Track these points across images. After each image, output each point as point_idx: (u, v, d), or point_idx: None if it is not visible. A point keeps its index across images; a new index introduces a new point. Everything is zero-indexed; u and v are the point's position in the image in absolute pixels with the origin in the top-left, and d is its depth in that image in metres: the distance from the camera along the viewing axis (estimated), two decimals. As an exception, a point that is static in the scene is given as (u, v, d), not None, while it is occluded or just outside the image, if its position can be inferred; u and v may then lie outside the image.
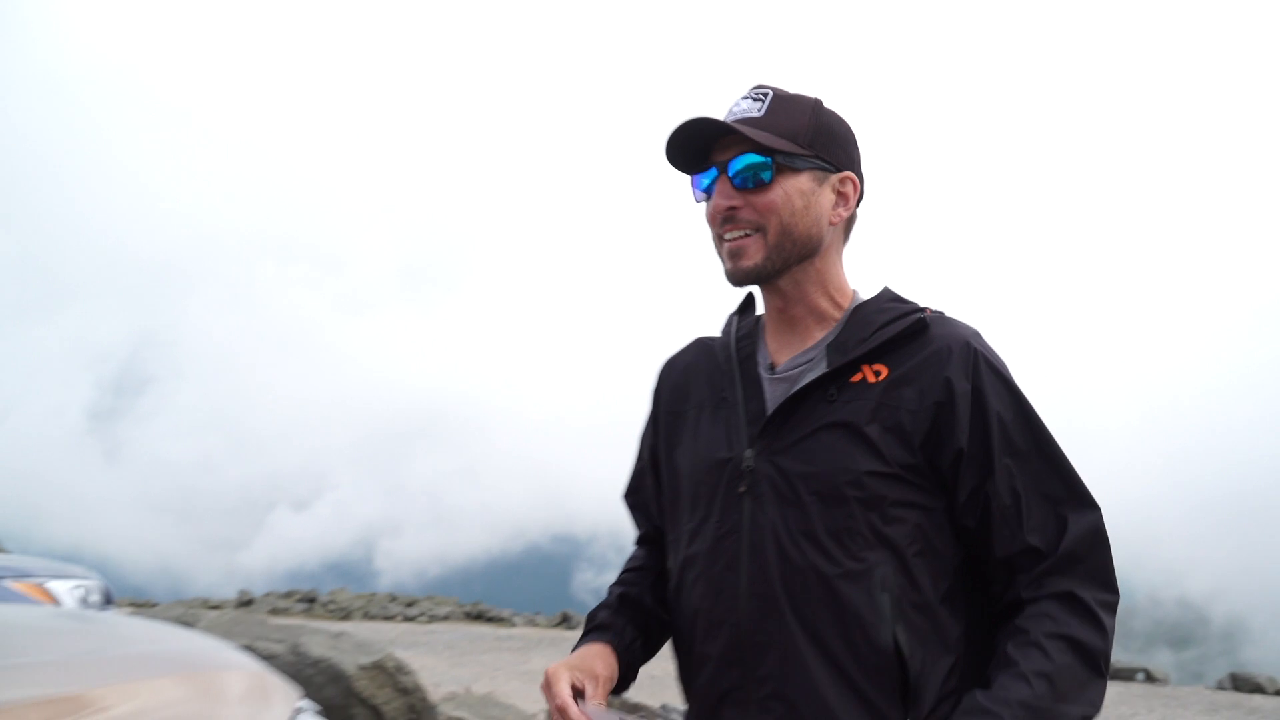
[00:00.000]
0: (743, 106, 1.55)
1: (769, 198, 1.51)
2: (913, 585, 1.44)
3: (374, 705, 5.92)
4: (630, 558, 1.80)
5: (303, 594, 20.38)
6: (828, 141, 1.55)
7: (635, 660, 1.62)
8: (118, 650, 2.29)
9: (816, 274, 1.58)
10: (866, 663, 1.42)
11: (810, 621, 1.43)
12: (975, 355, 1.49)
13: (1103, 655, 1.42)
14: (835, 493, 1.44)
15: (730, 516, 1.51)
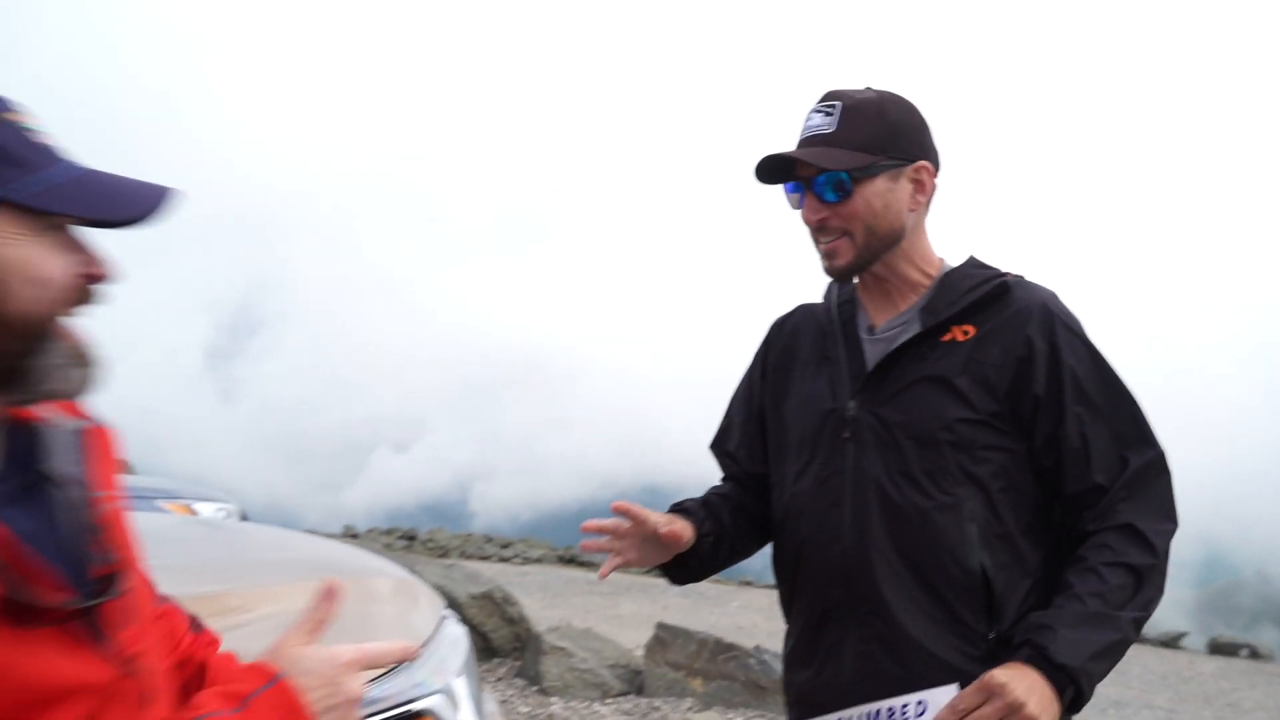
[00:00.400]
0: (815, 121, 1.70)
1: (851, 207, 1.66)
2: (996, 517, 1.63)
3: (483, 633, 6.25)
4: (713, 487, 1.99)
5: (403, 531, 21.16)
6: (898, 138, 1.69)
7: (700, 552, 1.79)
8: (262, 556, 2.51)
9: (904, 253, 1.74)
10: (956, 584, 1.62)
11: (906, 549, 1.64)
12: (1052, 315, 1.67)
13: (1152, 569, 1.59)
14: (929, 437, 1.64)
15: (835, 460, 1.72)
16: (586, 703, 5.66)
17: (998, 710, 1.45)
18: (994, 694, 1.46)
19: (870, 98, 1.71)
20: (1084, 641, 1.51)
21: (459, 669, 2.06)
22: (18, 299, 0.93)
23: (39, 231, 0.94)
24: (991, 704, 1.46)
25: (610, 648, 6.22)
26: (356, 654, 1.10)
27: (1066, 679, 1.49)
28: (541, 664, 5.82)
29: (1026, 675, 1.48)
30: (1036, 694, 1.46)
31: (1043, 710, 1.46)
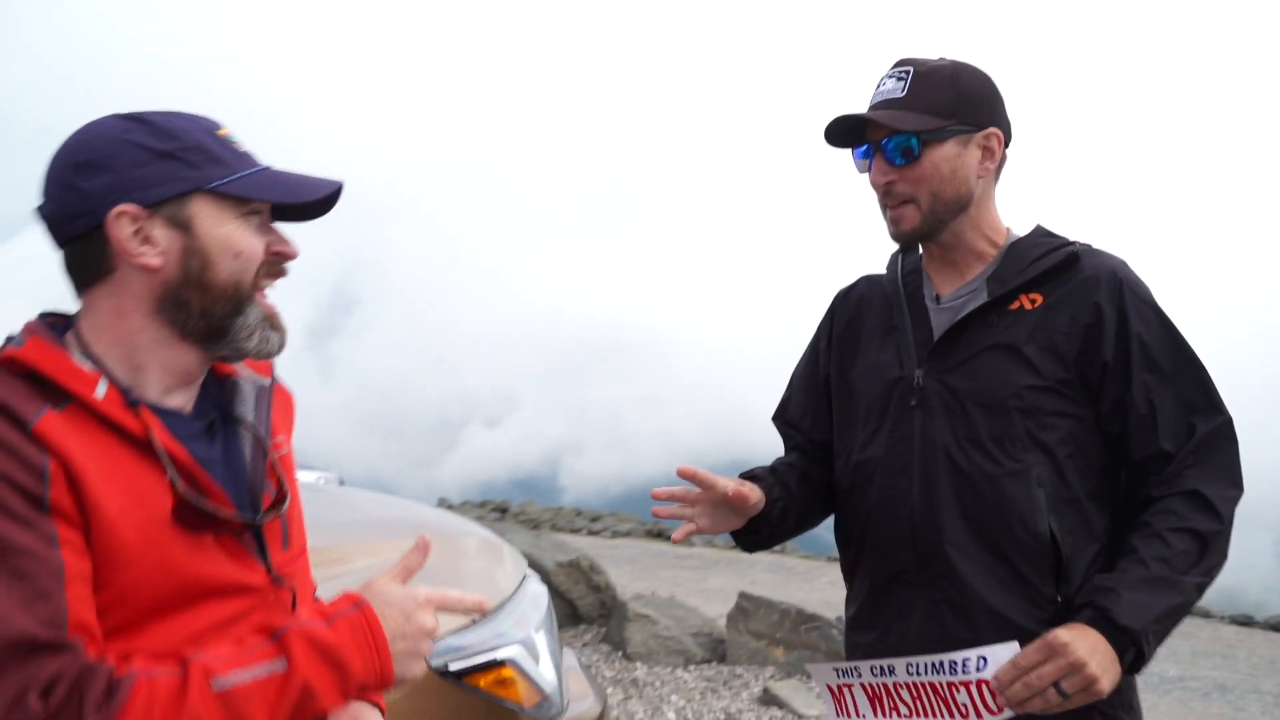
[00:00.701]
0: (887, 87, 1.71)
1: (919, 170, 1.67)
2: (1063, 482, 1.64)
3: (570, 599, 6.43)
4: (779, 458, 2.00)
5: (496, 504, 21.66)
6: (968, 105, 1.69)
7: (770, 518, 1.81)
8: (359, 513, 2.68)
9: (971, 221, 1.74)
10: (1025, 548, 1.63)
11: (974, 514, 1.65)
12: (1121, 283, 1.67)
13: (1216, 535, 1.58)
14: (998, 404, 1.65)
15: (903, 426, 1.73)
16: (669, 668, 5.79)
17: (1059, 669, 1.46)
18: (1055, 653, 1.47)
19: (943, 65, 1.71)
20: (1146, 604, 1.52)
21: (539, 624, 2.19)
22: (223, 269, 1.17)
23: (240, 216, 1.19)
24: (1053, 662, 1.47)
25: (694, 616, 6.33)
26: (434, 595, 1.21)
27: (1128, 641, 1.50)
28: (626, 630, 5.95)
29: (1089, 636, 1.49)
30: (1098, 654, 1.47)
31: (1104, 670, 1.47)
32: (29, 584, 1.00)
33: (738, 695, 5.37)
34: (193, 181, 1.16)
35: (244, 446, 1.27)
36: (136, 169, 1.14)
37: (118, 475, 1.09)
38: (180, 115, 1.20)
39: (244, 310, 1.20)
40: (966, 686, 1.56)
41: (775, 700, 5.18)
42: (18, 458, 1.02)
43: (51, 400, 1.09)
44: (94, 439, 1.09)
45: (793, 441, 2.00)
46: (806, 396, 1.98)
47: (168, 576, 1.10)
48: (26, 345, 1.12)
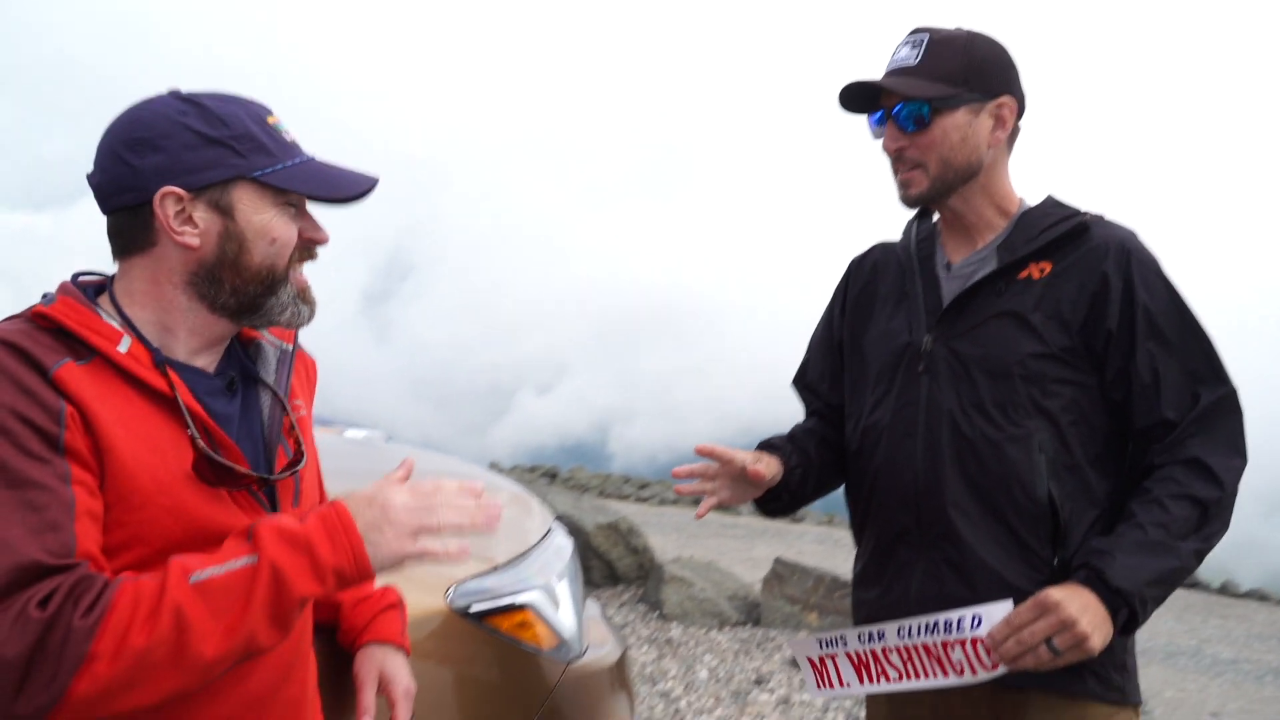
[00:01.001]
0: (901, 54, 1.73)
1: (929, 137, 1.70)
2: (1066, 449, 1.67)
3: (608, 560, 6.56)
4: (798, 424, 2.04)
5: (545, 469, 21.94)
6: (981, 73, 1.71)
7: (789, 485, 1.86)
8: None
9: (982, 189, 1.76)
10: (1024, 512, 1.66)
11: (975, 477, 1.69)
12: (1129, 253, 1.68)
13: (1217, 503, 1.60)
14: (1002, 371, 1.68)
15: (910, 391, 1.76)
16: (704, 629, 5.90)
17: (1050, 626, 1.50)
18: (1048, 610, 1.51)
19: (958, 34, 1.73)
20: (1141, 567, 1.55)
21: (561, 573, 2.28)
22: (258, 252, 1.25)
23: (278, 205, 1.26)
24: (1045, 620, 1.50)
25: (730, 580, 6.43)
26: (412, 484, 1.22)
27: (1121, 601, 1.53)
28: (662, 592, 6.07)
29: (1081, 595, 1.52)
30: (1090, 613, 1.51)
31: (1095, 629, 1.50)
32: (40, 515, 1.06)
33: (770, 657, 5.46)
34: (238, 169, 1.22)
35: (263, 406, 1.34)
36: (187, 152, 1.20)
37: (136, 425, 1.16)
38: (233, 101, 1.25)
39: (277, 290, 1.28)
40: (961, 644, 1.60)
41: (806, 663, 5.27)
42: (36, 400, 1.09)
43: (75, 354, 1.15)
44: (115, 391, 1.16)
45: (812, 406, 2.05)
46: (823, 361, 2.02)
47: (180, 520, 1.17)
48: (56, 303, 1.19)
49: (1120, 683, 1.68)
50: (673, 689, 4.86)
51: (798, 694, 4.87)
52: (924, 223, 1.91)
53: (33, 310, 1.19)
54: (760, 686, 4.96)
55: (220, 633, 1.07)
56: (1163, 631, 9.11)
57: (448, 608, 1.94)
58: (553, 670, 2.08)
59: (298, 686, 1.34)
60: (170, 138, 1.20)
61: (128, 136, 1.21)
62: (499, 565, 2.10)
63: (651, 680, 4.96)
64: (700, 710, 4.63)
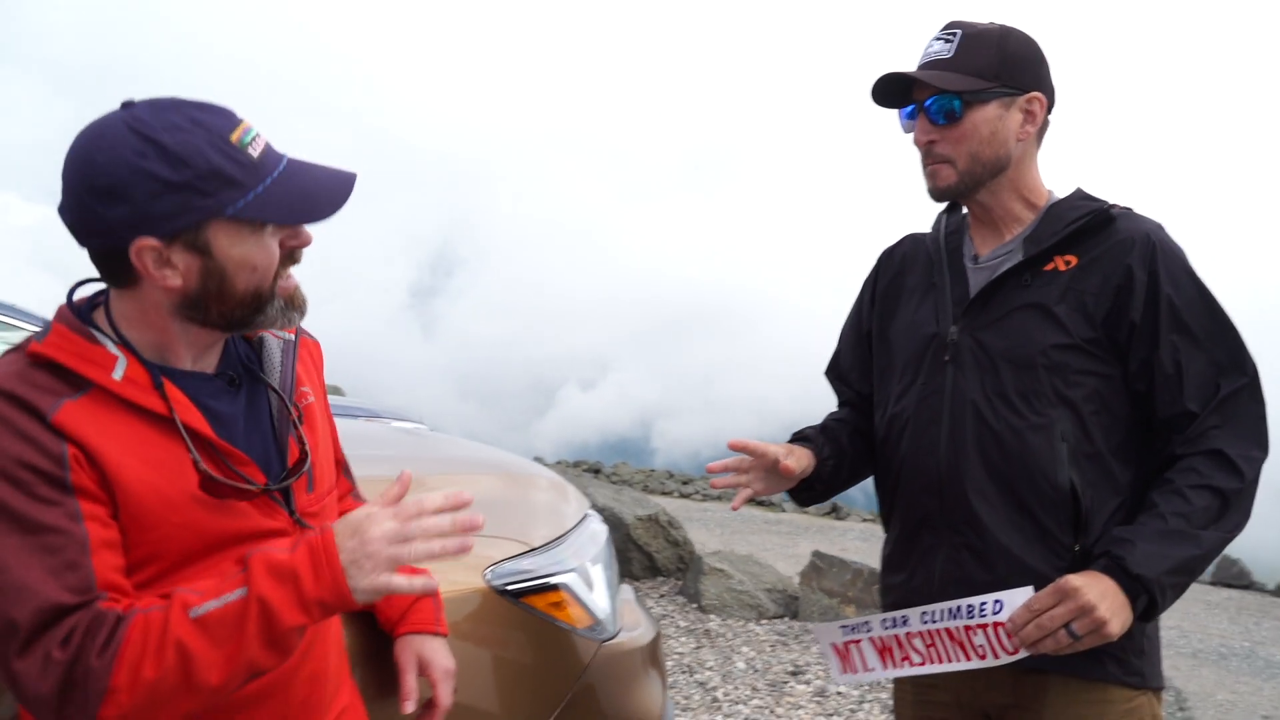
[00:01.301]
0: (934, 48, 1.76)
1: (959, 131, 1.73)
2: (1088, 438, 1.70)
3: (648, 552, 6.64)
4: (831, 413, 2.08)
5: (589, 465, 22.07)
6: (1013, 68, 1.73)
7: (823, 475, 1.90)
8: (442, 453, 2.92)
9: (1010, 183, 1.79)
10: (1046, 499, 1.69)
11: (998, 465, 1.72)
12: (1154, 246, 1.70)
13: (1238, 493, 1.62)
14: (1026, 361, 1.71)
15: (935, 380, 1.80)
16: (742, 621, 5.95)
17: (1070, 611, 1.52)
18: (1067, 596, 1.53)
19: (991, 28, 1.75)
20: (1161, 555, 1.57)
21: (595, 557, 2.36)
22: (240, 282, 1.24)
23: (254, 230, 1.23)
24: (1065, 605, 1.53)
25: (769, 573, 6.47)
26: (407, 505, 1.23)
27: (1140, 588, 1.55)
28: (701, 583, 6.13)
29: (1101, 582, 1.55)
30: (1109, 599, 1.53)
31: (1114, 614, 1.53)
32: (58, 557, 1.12)
33: (807, 649, 5.50)
34: (207, 211, 1.19)
35: (270, 401, 1.38)
36: (153, 201, 1.16)
37: (139, 450, 1.19)
38: (193, 125, 1.20)
39: (264, 308, 1.28)
40: (983, 629, 1.64)
41: (843, 655, 5.29)
42: (38, 447, 1.13)
43: (73, 386, 1.18)
44: (114, 419, 1.19)
45: (844, 396, 2.09)
46: (854, 351, 2.06)
47: (194, 533, 1.22)
48: (49, 338, 1.22)
49: (1140, 667, 1.70)
50: (710, 679, 4.92)
51: (834, 685, 4.91)
52: (953, 215, 1.94)
53: (28, 348, 1.21)
54: (796, 678, 5.01)
55: (221, 662, 1.14)
56: (1216, 633, 8.97)
57: (486, 586, 2.02)
58: (587, 649, 2.16)
59: (318, 661, 1.41)
60: (133, 187, 1.16)
61: (90, 184, 1.18)
62: (535, 548, 2.18)
63: (689, 670, 5.03)
64: (737, 700, 4.68)
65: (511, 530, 2.21)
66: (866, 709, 4.62)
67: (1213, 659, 7.83)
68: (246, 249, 1.23)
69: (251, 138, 1.24)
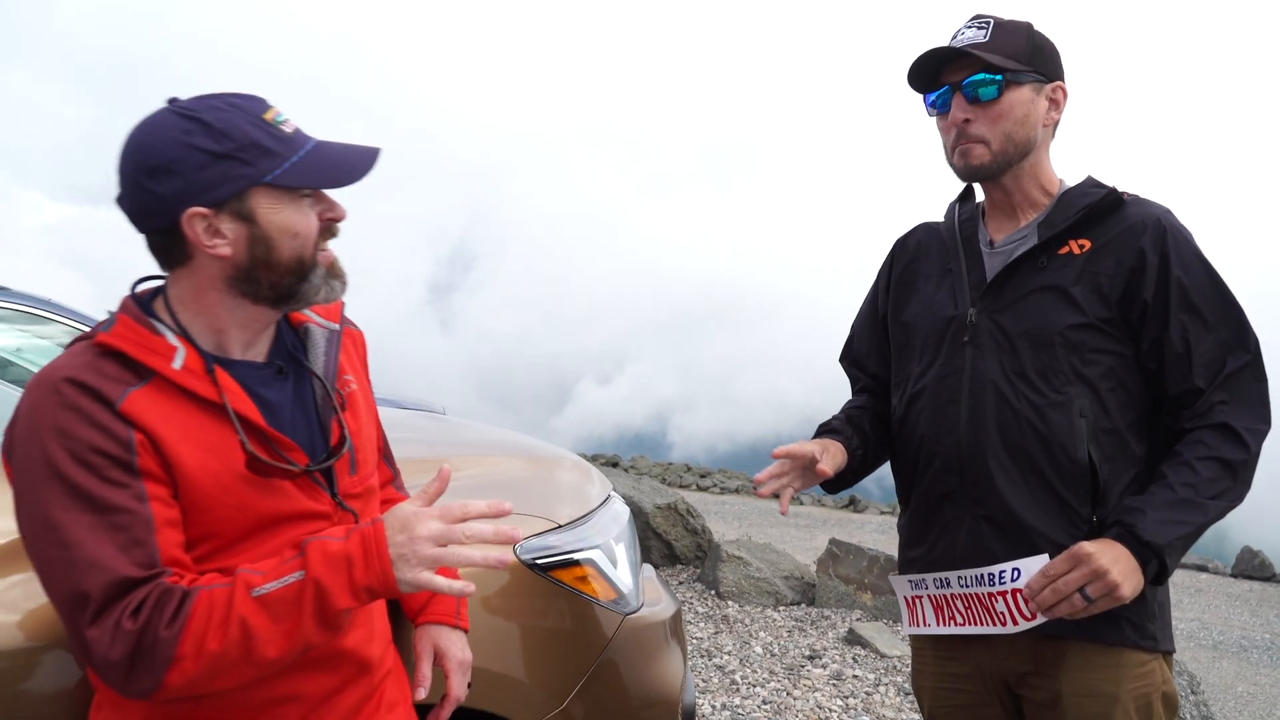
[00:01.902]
0: (969, 34, 1.82)
1: (998, 109, 1.80)
2: (1104, 413, 1.77)
3: (667, 540, 6.73)
4: (849, 403, 2.13)
5: (606, 458, 22.17)
6: (1042, 58, 1.82)
7: (854, 465, 1.97)
8: (468, 437, 3.02)
9: (1031, 169, 1.87)
10: (1065, 472, 1.76)
11: (1017, 441, 1.78)
12: (1165, 229, 1.77)
13: (1243, 464, 1.71)
14: (1045, 340, 1.78)
15: (954, 361, 1.86)
16: (760, 608, 6.03)
17: (1084, 575, 1.60)
18: (1081, 561, 1.61)
19: (1018, 20, 1.84)
20: (1170, 522, 1.64)
21: (618, 535, 2.45)
22: (284, 248, 1.35)
23: (294, 199, 1.35)
24: (1078, 570, 1.61)
25: (786, 560, 6.54)
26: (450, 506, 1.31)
27: (1150, 554, 1.63)
28: (719, 571, 6.22)
29: (1113, 548, 1.63)
30: (1120, 564, 1.61)
31: (1125, 578, 1.60)
32: (127, 534, 1.22)
33: (824, 635, 5.58)
34: (250, 178, 1.30)
35: (314, 389, 1.48)
36: (200, 172, 1.28)
37: (196, 435, 1.30)
38: (230, 107, 1.32)
39: (309, 275, 1.38)
40: (1004, 596, 1.73)
41: (859, 640, 5.37)
42: (109, 434, 1.24)
43: (137, 375, 1.29)
44: (174, 406, 1.30)
45: (860, 382, 2.15)
46: (871, 336, 2.13)
47: (245, 513, 1.33)
48: (115, 328, 1.32)
49: (1154, 631, 1.77)
50: (728, 663, 5.01)
51: (849, 669, 4.99)
52: (966, 204, 2.02)
53: (95, 337, 1.32)
54: (813, 662, 5.09)
55: (280, 638, 1.25)
56: (1237, 625, 8.97)
57: (516, 561, 2.12)
58: (611, 621, 2.25)
59: (364, 628, 1.51)
60: (182, 161, 1.28)
61: (144, 164, 1.29)
62: (562, 525, 2.28)
63: (708, 654, 5.12)
64: (755, 683, 4.77)
65: (539, 508, 2.30)
66: (883, 691, 4.70)
67: (1234, 651, 7.85)
68: (286, 215, 1.34)
69: (283, 119, 1.36)
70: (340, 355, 1.53)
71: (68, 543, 1.21)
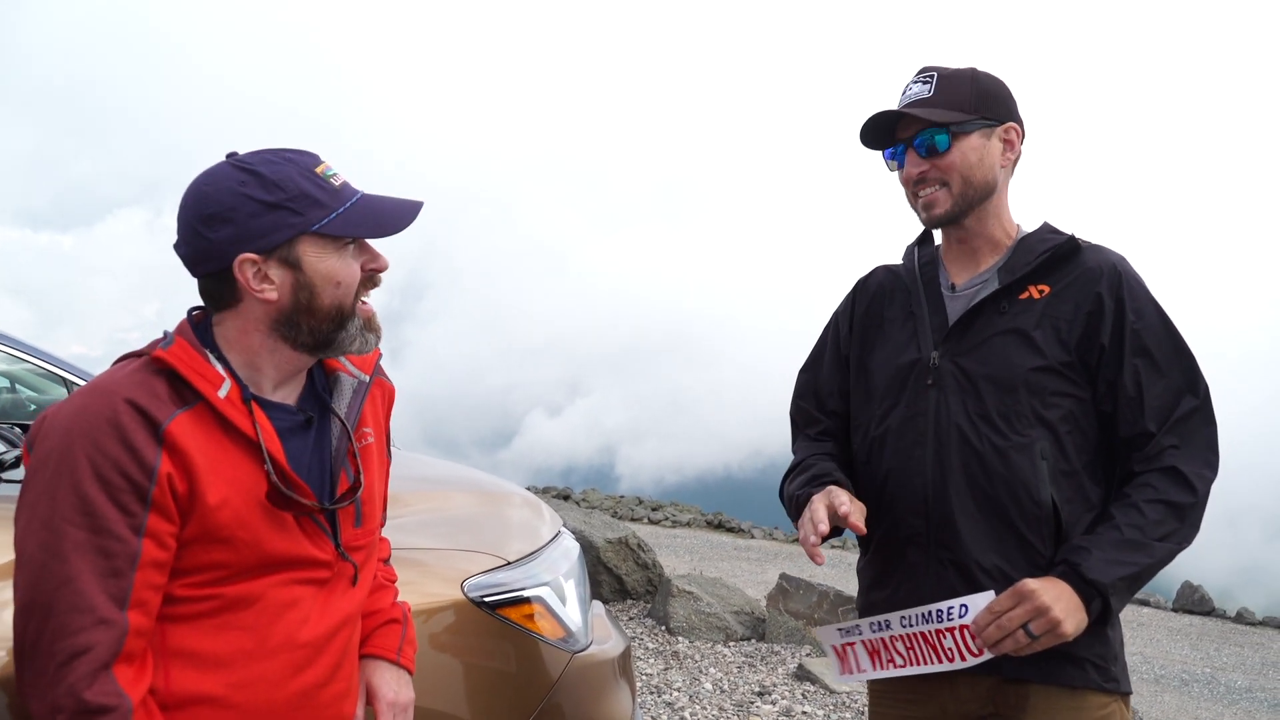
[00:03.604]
0: (914, 90, 1.88)
1: (949, 160, 1.85)
2: (1064, 456, 1.79)
3: (618, 575, 6.69)
4: (813, 449, 2.06)
5: (558, 490, 22.04)
6: (988, 102, 1.87)
7: None
8: (419, 472, 3.00)
9: (993, 209, 1.91)
10: (1028, 514, 1.78)
11: (981, 483, 1.80)
12: (1120, 276, 1.82)
13: (1191, 507, 1.73)
14: (1008, 384, 1.80)
15: (918, 403, 1.88)
16: (710, 644, 6.01)
17: (1027, 612, 1.62)
18: (1024, 599, 1.63)
19: (962, 69, 1.89)
20: (1114, 562, 1.67)
21: (568, 572, 2.44)
22: (326, 296, 1.43)
23: (339, 249, 1.43)
24: (1022, 607, 1.62)
25: (736, 595, 6.54)
26: None
27: (1094, 592, 1.65)
28: (670, 606, 6.19)
29: (1056, 585, 1.65)
30: (1063, 602, 1.63)
31: (1067, 615, 1.62)
32: (109, 561, 1.26)
33: (774, 670, 5.58)
34: (298, 227, 1.39)
35: (333, 436, 1.52)
36: (253, 220, 1.37)
37: (223, 466, 1.35)
38: (285, 161, 1.42)
39: (346, 325, 1.45)
40: (951, 632, 1.72)
41: (808, 676, 5.38)
42: (136, 455, 1.28)
43: (184, 399, 1.35)
44: (211, 435, 1.36)
45: (819, 424, 2.11)
46: (835, 376, 2.10)
47: (254, 549, 1.37)
48: (173, 349, 1.38)
49: (1115, 673, 1.80)
50: (678, 700, 4.98)
51: (799, 705, 4.99)
52: (925, 247, 2.05)
53: (153, 352, 1.37)
54: (763, 698, 5.08)
55: None
56: (1177, 659, 9.13)
57: (463, 598, 2.10)
58: (559, 659, 2.23)
59: (344, 682, 1.53)
60: (236, 210, 1.37)
61: (201, 213, 1.38)
62: (511, 562, 2.27)
63: (658, 691, 5.09)
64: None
65: (488, 545, 2.29)
66: (832, 728, 4.70)
67: (1175, 685, 7.99)
68: (331, 264, 1.42)
69: (332, 173, 1.45)
70: (365, 406, 1.58)
71: (55, 551, 1.25)
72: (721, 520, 19.56)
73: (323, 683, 1.47)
